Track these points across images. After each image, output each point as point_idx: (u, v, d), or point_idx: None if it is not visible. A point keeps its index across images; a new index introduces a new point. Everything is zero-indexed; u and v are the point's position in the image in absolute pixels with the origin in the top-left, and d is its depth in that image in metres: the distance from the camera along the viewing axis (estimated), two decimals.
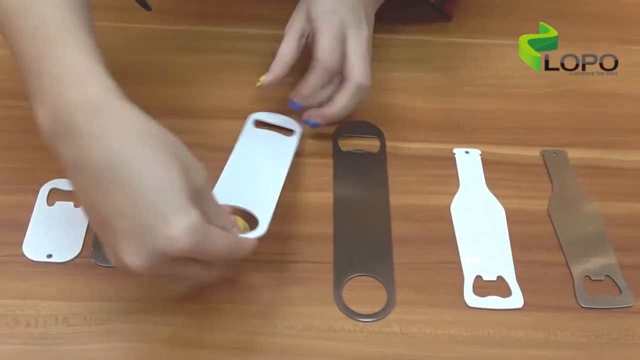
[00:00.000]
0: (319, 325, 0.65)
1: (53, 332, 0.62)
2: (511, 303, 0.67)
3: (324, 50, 0.72)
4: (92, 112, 0.52)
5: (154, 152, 0.51)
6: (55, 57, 0.54)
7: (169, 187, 0.51)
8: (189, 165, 0.53)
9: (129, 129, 0.51)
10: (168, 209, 0.50)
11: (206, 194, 0.55)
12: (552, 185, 0.77)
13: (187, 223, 0.50)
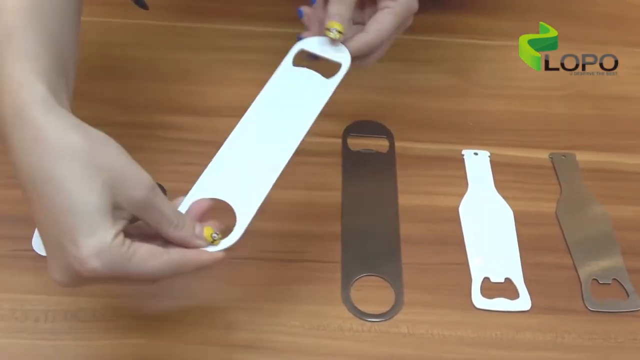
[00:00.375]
0: (327, 324, 0.65)
1: (62, 327, 0.63)
2: (519, 305, 0.67)
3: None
4: (16, 124, 0.49)
5: (69, 169, 0.48)
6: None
7: (81, 207, 0.48)
8: (122, 178, 0.50)
9: (48, 144, 0.48)
10: (77, 229, 0.48)
11: (153, 204, 0.51)
12: (560, 187, 0.77)
13: (95, 245, 0.47)
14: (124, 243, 0.49)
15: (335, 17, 0.64)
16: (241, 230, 0.56)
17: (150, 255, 0.50)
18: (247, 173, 0.59)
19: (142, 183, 0.50)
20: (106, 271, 0.48)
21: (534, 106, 0.85)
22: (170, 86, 0.82)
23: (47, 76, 0.51)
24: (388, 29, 0.66)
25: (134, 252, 0.49)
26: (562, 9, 0.91)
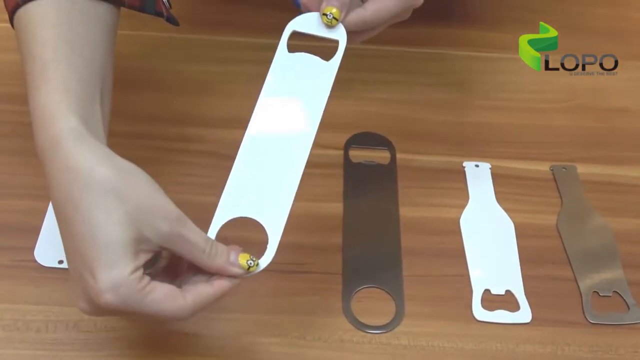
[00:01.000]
0: (328, 336, 0.65)
1: (63, 338, 0.63)
2: (519, 317, 0.67)
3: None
4: (51, 155, 0.51)
5: (95, 200, 0.49)
6: (32, 93, 0.54)
7: (103, 238, 0.48)
8: (148, 211, 0.50)
9: (77, 174, 0.49)
10: (97, 261, 0.48)
11: (181, 235, 0.51)
12: (561, 200, 0.77)
13: (111, 279, 0.48)
14: (142, 280, 0.49)
15: (333, 2, 0.61)
16: (275, 247, 0.56)
17: (166, 296, 0.50)
18: (268, 182, 0.58)
19: (168, 215, 0.51)
20: (120, 306, 0.49)
21: (535, 118, 0.86)
22: (174, 97, 0.83)
23: (80, 107, 0.52)
24: (387, 11, 0.63)
25: (150, 291, 0.49)
26: (563, 24, 0.91)
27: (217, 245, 0.53)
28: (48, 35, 0.54)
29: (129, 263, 0.48)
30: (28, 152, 0.75)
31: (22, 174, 0.74)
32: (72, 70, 0.54)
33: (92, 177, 0.49)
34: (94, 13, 0.57)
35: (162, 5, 0.65)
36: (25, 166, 0.75)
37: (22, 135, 0.78)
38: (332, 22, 0.61)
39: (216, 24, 0.93)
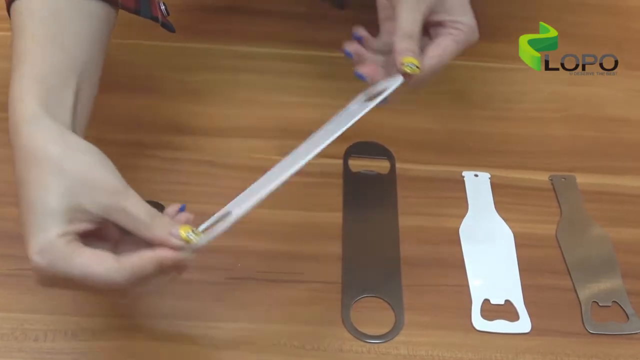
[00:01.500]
0: (327, 345, 0.65)
1: (62, 347, 0.63)
2: (519, 327, 0.67)
3: None
4: (13, 136, 0.54)
5: (37, 174, 0.52)
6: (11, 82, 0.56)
7: (37, 207, 0.51)
8: (89, 185, 0.52)
9: (27, 152, 0.53)
10: (30, 228, 0.51)
11: (121, 208, 0.53)
12: (560, 209, 0.77)
13: (38, 242, 0.51)
14: (70, 243, 0.51)
15: (408, 53, 0.63)
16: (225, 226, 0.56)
17: (94, 258, 0.51)
18: None
19: (109, 188, 0.53)
20: (48, 268, 0.51)
21: (534, 128, 0.86)
22: (171, 106, 0.83)
23: (45, 94, 0.55)
24: (449, 54, 0.66)
25: (78, 254, 0.50)
26: (562, 33, 0.92)
27: (160, 217, 0.54)
28: (30, 27, 0.57)
29: (58, 227, 0.51)
30: None
31: None
32: (46, 60, 0.57)
33: (41, 155, 0.52)
34: (85, 9, 0.60)
35: (158, 10, 0.67)
36: None
37: None
38: (415, 70, 0.63)
39: (213, 33, 0.93)
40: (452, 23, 0.66)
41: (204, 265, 0.69)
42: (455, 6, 0.67)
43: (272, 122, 0.82)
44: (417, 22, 0.65)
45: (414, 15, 0.65)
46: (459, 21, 0.66)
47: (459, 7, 0.67)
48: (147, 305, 0.66)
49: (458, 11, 0.67)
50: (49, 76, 0.56)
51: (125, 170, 0.69)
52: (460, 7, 0.67)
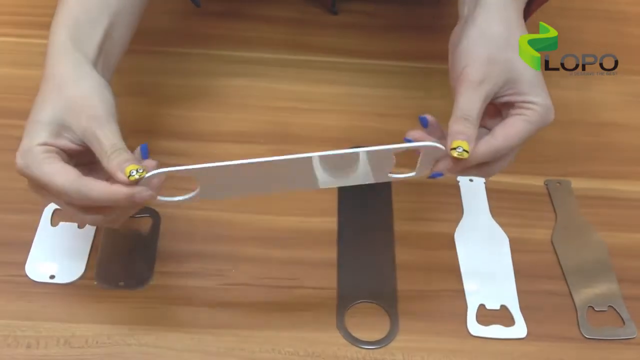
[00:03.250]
0: (322, 351, 0.64)
1: (54, 354, 0.62)
2: (514, 332, 0.67)
3: None
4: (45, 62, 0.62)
5: (41, 90, 0.60)
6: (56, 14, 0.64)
7: (35, 117, 0.59)
8: (78, 108, 0.59)
9: (49, 72, 0.61)
10: (24, 134, 0.58)
11: (94, 134, 0.58)
12: (555, 214, 0.77)
13: (23, 145, 0.58)
14: (46, 153, 0.57)
15: (461, 137, 0.60)
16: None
17: (62, 170, 0.56)
18: None
19: (91, 113, 0.58)
20: (24, 170, 0.58)
21: None
22: (167, 111, 0.82)
23: (73, 30, 0.63)
24: (519, 135, 0.61)
25: (48, 163, 0.56)
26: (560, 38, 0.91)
27: (121, 151, 0.57)
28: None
29: (41, 137, 0.57)
30: None
31: (11, 188, 0.73)
32: (81, 1, 0.65)
33: (51, 74, 0.61)
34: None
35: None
36: (15, 180, 0.73)
37: (10, 148, 0.77)
38: (463, 155, 0.59)
39: (207, 38, 0.92)
40: (524, 104, 0.62)
41: (198, 271, 0.68)
42: (527, 86, 0.62)
43: (266, 126, 0.82)
44: (476, 103, 0.61)
45: (474, 95, 0.61)
46: (531, 101, 0.62)
47: (531, 88, 0.62)
48: (139, 311, 0.65)
49: (531, 92, 0.62)
50: (80, 14, 0.64)
51: None
52: (533, 87, 0.62)
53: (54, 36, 0.63)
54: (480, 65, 0.62)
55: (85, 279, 0.67)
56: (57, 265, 0.68)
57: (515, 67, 0.62)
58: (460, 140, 0.59)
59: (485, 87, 0.61)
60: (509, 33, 0.64)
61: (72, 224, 0.71)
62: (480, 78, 0.61)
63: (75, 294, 0.66)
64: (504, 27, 0.64)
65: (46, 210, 0.72)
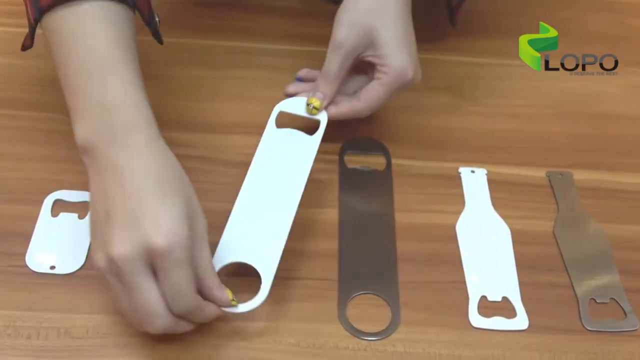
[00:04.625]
0: (323, 343, 0.64)
1: (55, 345, 0.62)
2: (516, 324, 0.67)
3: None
4: (123, 138, 0.58)
5: (159, 186, 0.56)
6: (93, 85, 0.59)
7: (167, 203, 0.55)
8: (193, 210, 0.58)
9: (141, 167, 0.57)
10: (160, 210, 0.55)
11: (202, 246, 0.57)
12: (557, 206, 0.77)
13: (172, 231, 0.54)
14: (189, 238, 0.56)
15: (318, 95, 0.73)
16: (267, 288, 0.62)
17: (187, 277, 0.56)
18: (261, 232, 0.64)
19: (204, 221, 0.58)
20: (167, 252, 0.54)
21: (530, 124, 0.85)
22: (167, 102, 0.82)
23: (145, 99, 0.61)
24: (378, 98, 0.72)
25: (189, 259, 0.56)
26: (560, 30, 0.91)
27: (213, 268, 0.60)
28: (108, 31, 0.61)
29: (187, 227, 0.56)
30: (16, 157, 0.76)
31: (11, 178, 0.74)
32: (133, 65, 0.61)
33: (157, 172, 0.57)
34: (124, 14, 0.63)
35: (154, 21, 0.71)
36: (14, 171, 0.74)
37: (10, 139, 0.77)
38: (312, 111, 0.73)
39: (208, 28, 0.92)
40: (380, 67, 0.71)
41: None
42: (384, 49, 0.70)
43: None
44: (335, 63, 0.72)
45: (332, 55, 0.72)
46: (385, 64, 0.71)
47: (389, 50, 0.70)
48: None
49: (388, 55, 0.70)
50: (139, 83, 0.61)
51: None
52: (391, 50, 0.70)
53: (134, 111, 0.59)
54: (342, 28, 0.71)
55: (85, 269, 0.67)
56: (57, 255, 0.68)
57: (375, 31, 0.70)
58: (314, 98, 0.73)
59: (344, 48, 0.71)
60: (376, 1, 0.71)
61: (73, 214, 0.71)
62: (340, 40, 0.71)
63: (76, 285, 0.66)
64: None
65: (47, 200, 0.71)
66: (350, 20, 0.71)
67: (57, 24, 0.61)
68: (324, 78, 0.73)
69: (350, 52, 0.71)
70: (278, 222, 0.66)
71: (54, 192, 0.72)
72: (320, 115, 0.74)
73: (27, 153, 0.76)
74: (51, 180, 0.73)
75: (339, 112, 0.74)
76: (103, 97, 0.59)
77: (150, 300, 0.55)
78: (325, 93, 0.73)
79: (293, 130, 0.73)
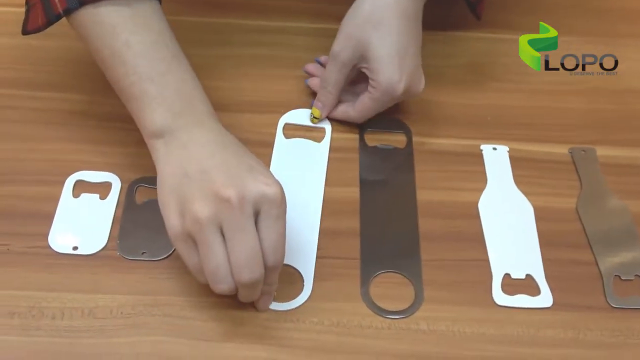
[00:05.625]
0: (347, 321, 0.64)
1: (79, 325, 0.62)
2: (540, 302, 0.66)
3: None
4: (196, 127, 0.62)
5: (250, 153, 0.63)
6: (176, 73, 0.64)
7: (261, 164, 0.61)
8: None
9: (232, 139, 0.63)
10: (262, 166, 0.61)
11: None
12: (580, 183, 0.76)
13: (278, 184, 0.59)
14: None
15: (318, 105, 0.78)
16: (309, 290, 0.65)
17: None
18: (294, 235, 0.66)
19: None
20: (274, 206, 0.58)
21: (552, 101, 0.84)
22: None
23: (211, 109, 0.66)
24: (368, 109, 0.76)
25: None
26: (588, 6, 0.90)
27: None
28: (161, 25, 0.66)
29: None
30: (37, 138, 0.76)
31: (30, 159, 0.74)
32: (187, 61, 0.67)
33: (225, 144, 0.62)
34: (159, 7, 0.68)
35: None
36: (34, 152, 0.74)
37: (30, 120, 0.77)
38: (313, 120, 0.79)
39: (226, 7, 0.92)
40: (371, 80, 0.73)
41: None
42: (376, 64, 0.72)
43: (288, 96, 0.82)
44: (333, 73, 0.75)
45: (331, 66, 0.75)
46: (375, 79, 0.73)
47: (379, 65, 0.72)
48: (163, 282, 0.65)
49: (378, 69, 0.72)
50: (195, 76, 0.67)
51: (135, 144, 0.69)
52: (381, 64, 0.72)
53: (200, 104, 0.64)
54: (339, 39, 0.74)
55: (107, 249, 0.67)
56: (79, 236, 0.68)
57: (368, 45, 0.72)
58: (315, 108, 0.78)
59: (340, 59, 0.74)
60: (372, 11, 0.72)
61: (94, 194, 0.71)
62: (336, 51, 0.74)
63: (99, 265, 0.66)
64: (370, 5, 0.72)
65: (68, 181, 0.71)
66: (347, 31, 0.73)
67: (106, 16, 0.63)
68: (323, 88, 0.77)
69: (346, 64, 0.74)
70: (307, 224, 0.69)
71: (74, 172, 0.72)
72: (325, 123, 0.79)
73: (46, 134, 0.76)
74: (71, 161, 0.73)
75: (333, 116, 0.79)
76: (180, 85, 0.64)
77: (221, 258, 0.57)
78: (325, 102, 0.77)
79: (301, 140, 0.77)
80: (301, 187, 0.73)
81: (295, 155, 0.76)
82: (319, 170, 0.75)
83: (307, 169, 0.75)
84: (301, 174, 0.74)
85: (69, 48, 0.77)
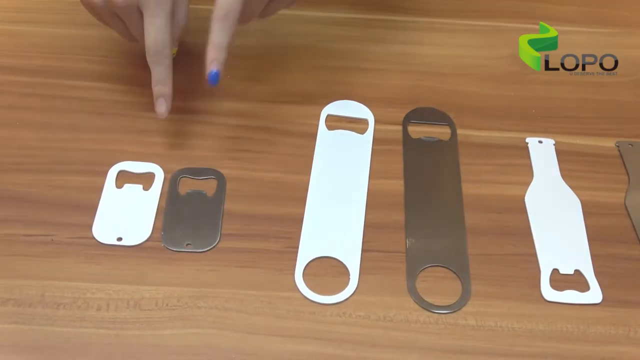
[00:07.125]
0: (393, 315, 0.63)
1: (125, 317, 0.62)
2: (589, 298, 0.65)
3: None
4: None
5: None
6: None
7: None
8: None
9: None
10: None
11: None
12: (628, 177, 0.75)
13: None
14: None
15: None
16: (355, 283, 0.65)
17: None
18: (339, 228, 0.68)
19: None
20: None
21: (598, 93, 0.83)
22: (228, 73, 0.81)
23: None
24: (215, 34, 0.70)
25: None
26: None
27: None
28: None
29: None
30: (81, 128, 0.75)
31: (75, 149, 0.73)
32: None
33: None
34: None
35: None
36: (78, 142, 0.74)
37: (74, 110, 0.77)
38: None
39: None
40: None
41: (264, 233, 0.68)
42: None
43: (327, 87, 0.81)
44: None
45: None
46: None
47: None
48: (208, 274, 0.65)
49: None
50: None
51: (178, 135, 0.69)
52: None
53: None
54: None
55: (152, 240, 0.67)
56: (123, 227, 0.67)
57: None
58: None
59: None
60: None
61: (138, 185, 0.70)
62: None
63: (143, 256, 0.66)
64: None
65: (111, 171, 0.71)
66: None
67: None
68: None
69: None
70: (352, 217, 0.69)
71: (117, 163, 0.72)
72: (366, 114, 0.78)
73: (90, 124, 0.75)
74: (114, 151, 0.73)
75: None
76: None
77: None
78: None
79: (344, 131, 0.77)
80: (345, 179, 0.72)
81: (338, 147, 0.75)
82: (362, 162, 0.74)
83: (350, 161, 0.74)
84: (345, 166, 0.73)
85: (114, 39, 0.76)
